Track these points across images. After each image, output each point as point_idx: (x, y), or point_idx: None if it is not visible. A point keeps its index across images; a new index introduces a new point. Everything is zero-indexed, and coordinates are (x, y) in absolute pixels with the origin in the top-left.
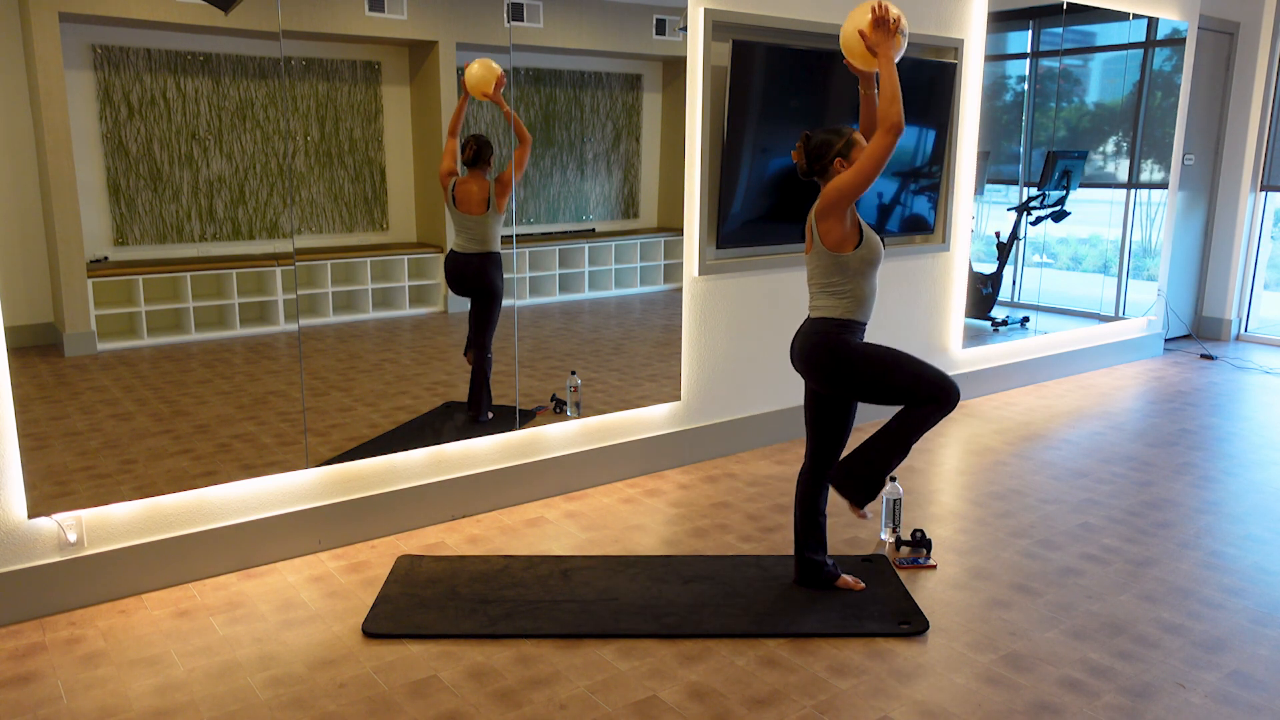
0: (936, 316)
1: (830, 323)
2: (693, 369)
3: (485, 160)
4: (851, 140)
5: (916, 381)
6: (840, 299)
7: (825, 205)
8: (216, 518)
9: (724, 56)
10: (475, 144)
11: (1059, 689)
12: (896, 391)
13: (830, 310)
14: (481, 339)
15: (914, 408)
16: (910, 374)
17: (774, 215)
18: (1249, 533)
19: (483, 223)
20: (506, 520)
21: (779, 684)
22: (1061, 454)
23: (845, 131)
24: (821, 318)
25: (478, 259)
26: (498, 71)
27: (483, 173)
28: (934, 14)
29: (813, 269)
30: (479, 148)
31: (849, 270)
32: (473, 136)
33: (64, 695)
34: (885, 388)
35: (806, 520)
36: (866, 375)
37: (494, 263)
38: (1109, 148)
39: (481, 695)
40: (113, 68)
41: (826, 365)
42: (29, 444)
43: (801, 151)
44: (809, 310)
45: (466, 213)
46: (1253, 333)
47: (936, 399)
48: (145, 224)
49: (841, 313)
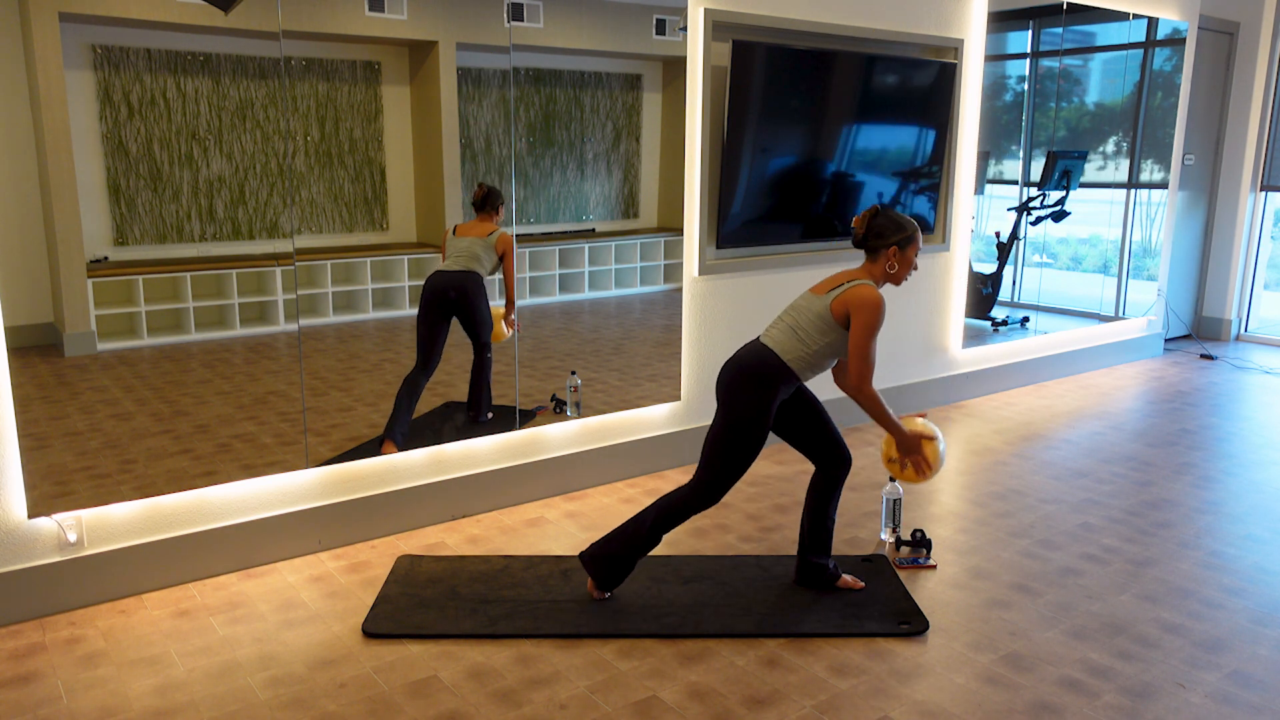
0: (936, 316)
1: (778, 360)
2: (693, 369)
3: (493, 207)
4: (911, 237)
5: (722, 463)
6: (801, 349)
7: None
8: (216, 518)
9: (724, 56)
10: (484, 189)
11: (1059, 689)
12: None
13: (785, 352)
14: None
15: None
16: (728, 463)
17: (774, 215)
18: (1249, 533)
19: (477, 243)
20: (506, 520)
21: (779, 684)
22: (1061, 454)
23: (909, 228)
24: (773, 352)
25: (462, 275)
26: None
27: (489, 217)
28: (934, 14)
29: (800, 310)
30: (487, 193)
31: (830, 343)
32: (481, 184)
33: (64, 695)
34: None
35: (815, 525)
36: (737, 422)
37: (478, 282)
38: (1109, 148)
39: (481, 695)
40: (113, 68)
41: (744, 391)
42: (29, 444)
43: (865, 222)
44: (765, 335)
45: (463, 235)
46: (1253, 333)
47: (700, 497)
48: (145, 224)
49: (791, 360)
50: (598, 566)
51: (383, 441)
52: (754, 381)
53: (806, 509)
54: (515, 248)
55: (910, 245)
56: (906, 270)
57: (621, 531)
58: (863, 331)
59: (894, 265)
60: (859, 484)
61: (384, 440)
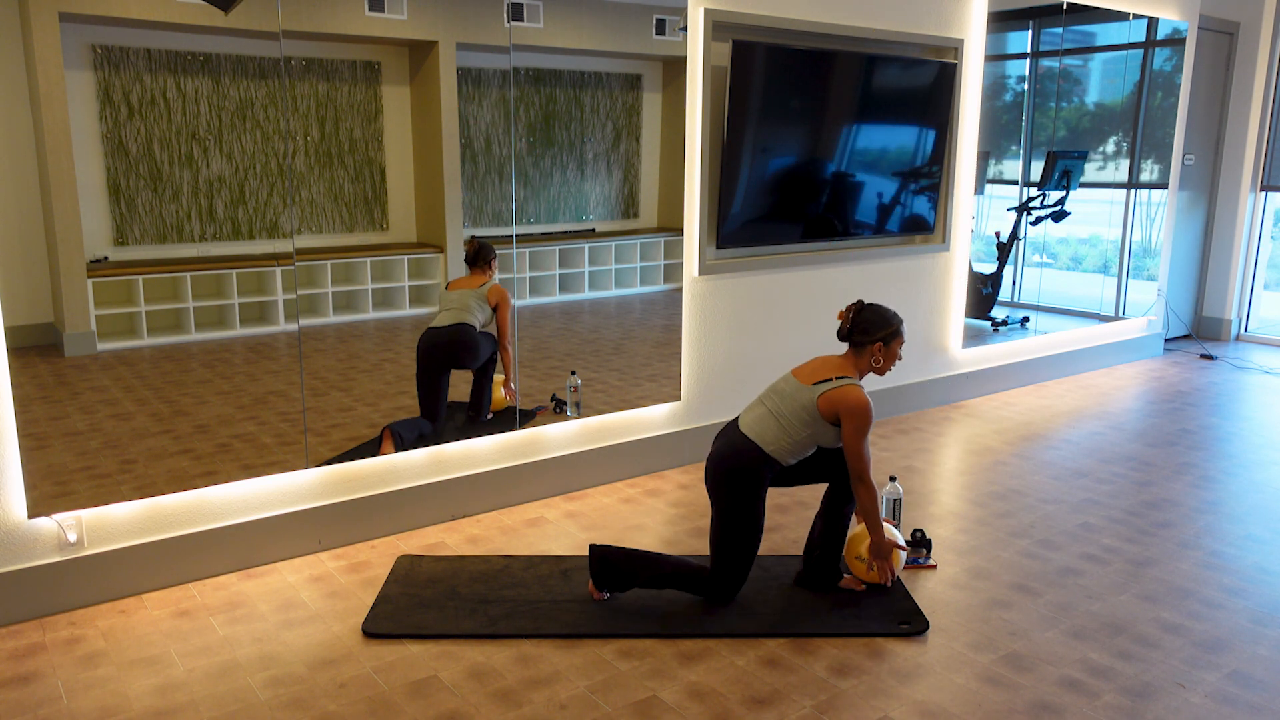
0: (936, 316)
1: (759, 453)
2: (693, 369)
3: (486, 261)
4: (896, 332)
5: (728, 559)
6: (784, 439)
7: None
8: (216, 518)
9: (724, 56)
10: (475, 244)
11: (1059, 689)
12: (721, 547)
13: (766, 443)
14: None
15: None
16: (738, 556)
17: (774, 215)
18: (1249, 533)
19: (468, 294)
20: (506, 520)
21: (779, 684)
22: (1061, 454)
23: (895, 323)
24: (753, 443)
25: (454, 329)
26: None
27: (482, 272)
28: (934, 14)
29: (784, 396)
30: (479, 248)
31: (814, 434)
32: (471, 238)
33: (64, 695)
34: (723, 537)
35: (832, 529)
36: (731, 518)
37: (470, 332)
38: (1109, 148)
39: (481, 695)
40: (113, 68)
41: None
42: (29, 444)
43: (849, 317)
44: (744, 419)
45: (455, 289)
46: (1253, 333)
47: (715, 587)
48: (145, 224)
49: (774, 450)
50: (602, 565)
51: (383, 435)
52: (738, 478)
53: (822, 514)
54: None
55: (895, 340)
56: (891, 363)
57: (642, 554)
58: (856, 436)
59: (879, 360)
60: None
61: (384, 434)
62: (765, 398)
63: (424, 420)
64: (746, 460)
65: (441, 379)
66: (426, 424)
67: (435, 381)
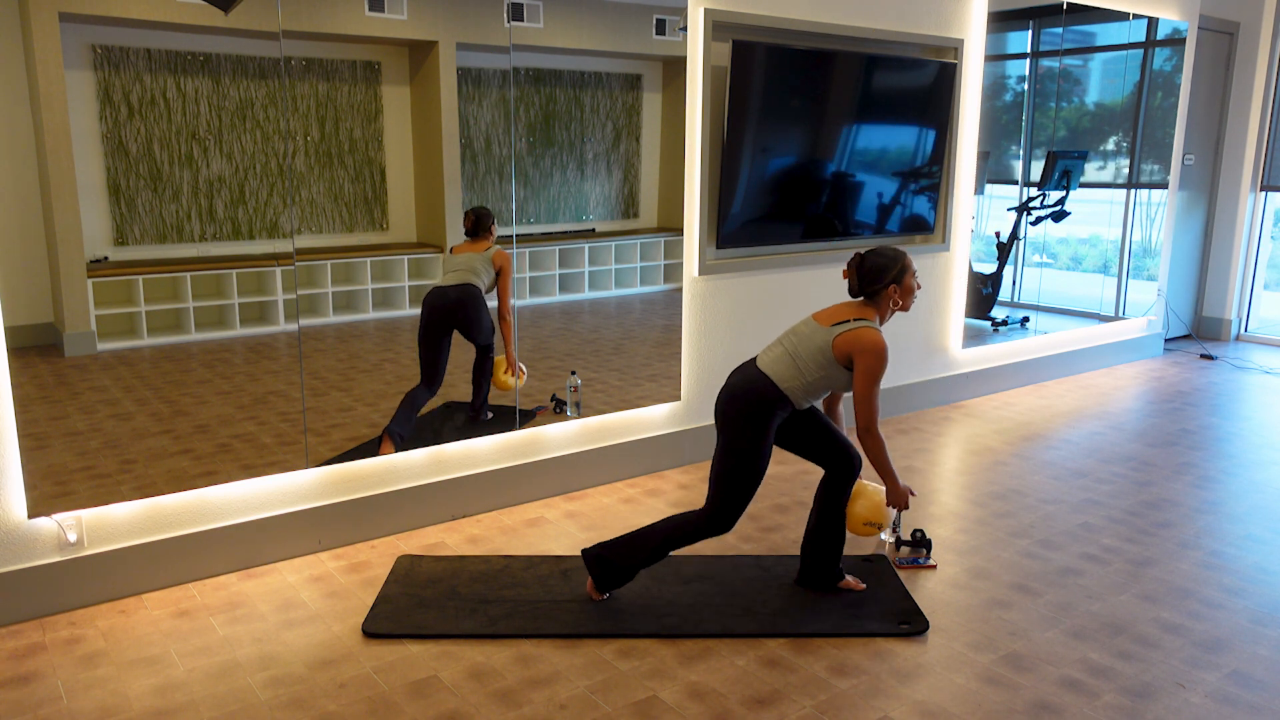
0: (936, 316)
1: (774, 389)
2: (693, 369)
3: (486, 228)
4: (904, 267)
5: (728, 491)
6: (799, 379)
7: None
8: (216, 518)
9: (724, 56)
10: (474, 214)
11: (1059, 689)
12: (722, 479)
13: (781, 380)
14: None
15: (690, 518)
16: (739, 490)
17: (774, 215)
18: (1249, 533)
19: (474, 257)
20: (506, 520)
21: (779, 684)
22: (1061, 454)
23: (900, 259)
24: (768, 379)
25: (460, 289)
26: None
27: (485, 238)
28: (934, 14)
29: (802, 337)
30: (478, 217)
31: (827, 376)
32: (471, 210)
33: (64, 695)
34: (725, 469)
35: (826, 526)
36: (736, 450)
37: (476, 293)
38: (1109, 148)
39: (481, 695)
40: (113, 68)
41: (741, 419)
42: (29, 444)
43: (854, 273)
44: (762, 357)
45: (460, 253)
46: (1253, 333)
47: (711, 523)
48: (145, 224)
49: (788, 388)
50: (600, 566)
51: (382, 438)
52: (750, 409)
53: (816, 510)
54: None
55: (905, 275)
56: (910, 297)
57: (629, 539)
58: (866, 377)
59: (897, 301)
60: None
61: (383, 437)
62: (784, 338)
63: (420, 390)
64: (761, 393)
65: (444, 341)
66: (424, 393)
67: (438, 343)
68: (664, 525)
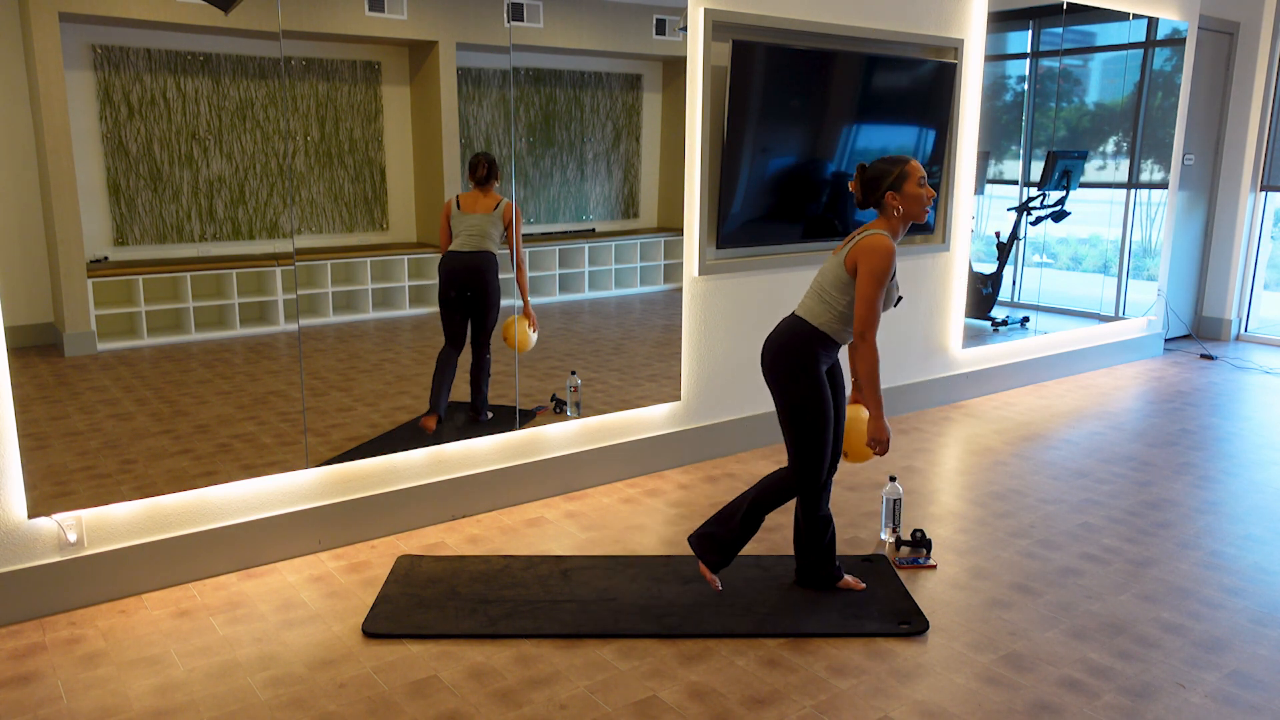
0: (937, 316)
1: (808, 327)
2: (693, 369)
3: (494, 177)
4: (904, 172)
5: (800, 447)
6: (829, 312)
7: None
8: (216, 518)
9: (724, 56)
10: (485, 163)
11: (1059, 689)
12: (792, 437)
13: (814, 317)
14: (481, 337)
15: (777, 477)
16: (810, 441)
17: (774, 215)
18: (1249, 533)
19: (485, 220)
20: (506, 520)
21: (779, 684)
22: (1061, 454)
23: (899, 163)
24: (803, 320)
25: (476, 256)
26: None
27: (490, 188)
28: (934, 14)
29: (824, 273)
30: (490, 163)
31: (853, 299)
32: (482, 156)
33: (64, 695)
34: (791, 426)
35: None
36: (794, 405)
37: (491, 261)
38: (1109, 148)
39: (481, 695)
40: (113, 68)
41: (784, 367)
42: (29, 444)
43: (858, 183)
44: (798, 307)
45: (469, 212)
46: (1253, 333)
47: (800, 482)
48: (145, 224)
49: (822, 324)
50: (704, 544)
51: (424, 416)
52: (790, 355)
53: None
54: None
55: (905, 180)
56: (916, 204)
57: (726, 516)
58: (867, 277)
59: (900, 207)
60: (859, 484)
61: (426, 414)
62: (812, 282)
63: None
64: (797, 338)
65: (461, 305)
66: (451, 354)
67: (459, 305)
68: (753, 493)
